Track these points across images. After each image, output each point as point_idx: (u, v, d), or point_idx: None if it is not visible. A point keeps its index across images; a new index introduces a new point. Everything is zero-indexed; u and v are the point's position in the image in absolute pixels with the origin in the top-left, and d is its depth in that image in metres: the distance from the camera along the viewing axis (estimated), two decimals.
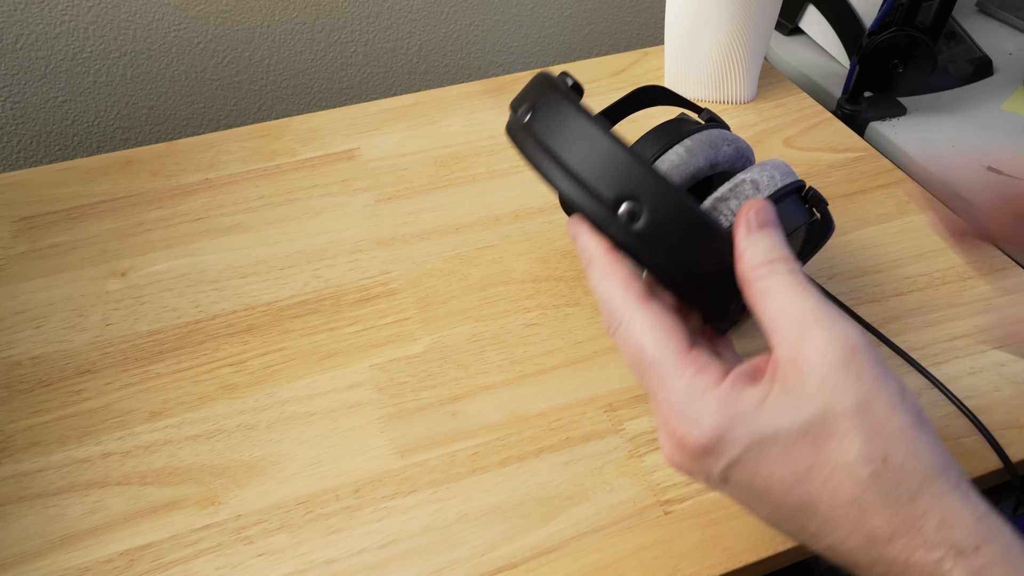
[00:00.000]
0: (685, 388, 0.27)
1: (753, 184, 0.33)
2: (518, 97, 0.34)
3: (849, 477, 0.24)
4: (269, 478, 0.38)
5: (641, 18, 0.88)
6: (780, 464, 0.25)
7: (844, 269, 0.48)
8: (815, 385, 0.25)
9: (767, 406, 0.25)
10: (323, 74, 0.78)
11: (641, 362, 0.28)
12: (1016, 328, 0.38)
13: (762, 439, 0.25)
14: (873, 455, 0.24)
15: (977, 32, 0.73)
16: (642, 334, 0.28)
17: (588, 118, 0.29)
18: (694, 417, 0.26)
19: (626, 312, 0.28)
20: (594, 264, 0.30)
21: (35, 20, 0.65)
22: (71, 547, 0.36)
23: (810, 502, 0.25)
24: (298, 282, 0.48)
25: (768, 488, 0.26)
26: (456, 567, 0.34)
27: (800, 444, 0.25)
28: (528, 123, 0.31)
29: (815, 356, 0.25)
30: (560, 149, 0.30)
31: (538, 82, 0.33)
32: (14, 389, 0.43)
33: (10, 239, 0.52)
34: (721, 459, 0.26)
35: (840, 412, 0.24)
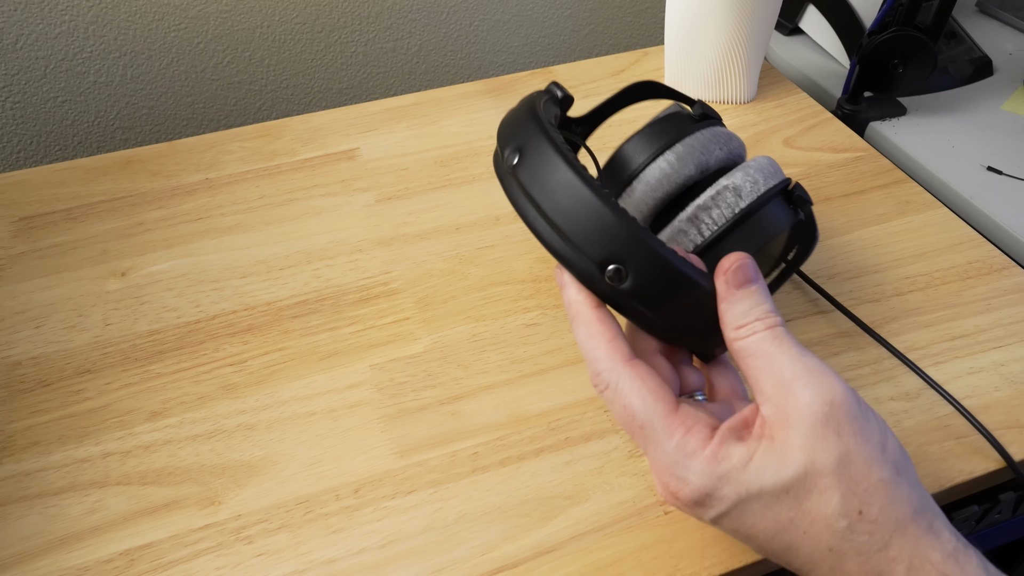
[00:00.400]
0: (675, 450, 0.28)
1: (735, 191, 0.32)
2: (505, 129, 0.33)
3: (827, 529, 0.26)
4: (269, 478, 0.38)
5: (641, 18, 0.88)
6: (763, 517, 0.27)
7: (844, 269, 0.48)
8: (797, 444, 0.26)
9: (752, 465, 0.27)
10: (323, 74, 0.78)
11: (632, 424, 0.29)
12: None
13: (748, 496, 0.27)
14: (849, 510, 0.26)
15: (977, 32, 0.73)
16: (630, 397, 0.29)
17: (575, 173, 0.29)
18: (684, 476, 0.28)
19: (613, 375, 0.29)
20: (579, 321, 0.30)
21: (35, 20, 0.65)
22: (71, 547, 0.36)
23: (791, 547, 0.27)
24: (298, 282, 0.48)
25: (753, 535, 0.28)
26: (456, 567, 0.34)
27: (782, 500, 0.27)
28: (515, 168, 0.30)
29: (796, 415, 0.27)
30: (547, 205, 0.29)
31: (525, 118, 0.32)
32: (14, 389, 0.43)
33: (10, 239, 0.52)
34: (709, 512, 0.28)
35: (820, 470, 0.26)
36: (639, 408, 0.29)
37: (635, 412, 0.29)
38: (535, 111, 0.32)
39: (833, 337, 0.43)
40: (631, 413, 0.29)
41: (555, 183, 0.29)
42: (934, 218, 0.51)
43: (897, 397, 0.40)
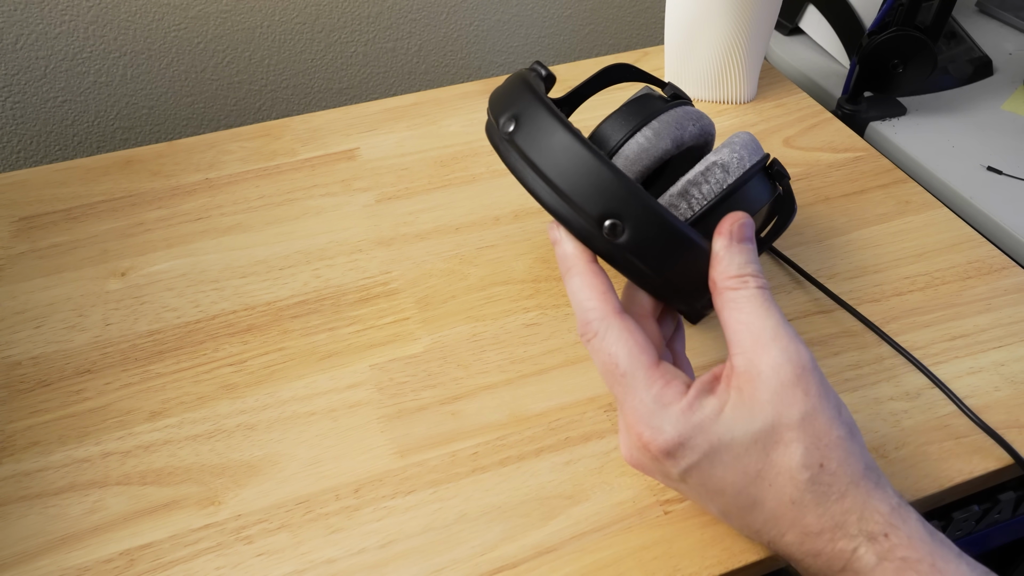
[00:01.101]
0: (653, 400, 0.30)
1: (723, 167, 0.34)
2: (498, 101, 0.35)
3: (791, 481, 0.28)
4: (269, 478, 0.38)
5: (641, 18, 0.88)
6: (733, 468, 0.29)
7: (844, 269, 0.48)
8: (767, 397, 0.28)
9: (724, 416, 0.29)
10: (323, 74, 0.78)
11: (614, 372, 0.30)
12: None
13: (719, 446, 0.29)
14: (812, 462, 0.28)
15: (977, 32, 0.73)
16: (617, 345, 0.30)
17: (573, 136, 0.31)
18: (659, 426, 0.29)
19: (602, 325, 0.31)
20: (573, 273, 0.32)
21: (35, 20, 0.65)
22: (71, 547, 0.36)
23: (756, 502, 0.29)
24: (298, 282, 0.48)
25: (721, 489, 0.29)
26: (456, 567, 0.34)
27: (751, 451, 0.28)
28: (512, 135, 0.32)
29: (769, 371, 0.28)
30: (545, 166, 0.31)
31: (519, 89, 0.34)
32: (14, 389, 0.43)
33: (10, 239, 0.52)
34: (681, 463, 0.29)
35: (787, 424, 0.28)
36: (623, 357, 0.30)
37: (619, 361, 0.30)
38: (528, 82, 0.34)
39: (834, 337, 0.43)
40: (615, 361, 0.30)
41: (553, 146, 0.31)
42: (934, 218, 0.51)
43: (897, 397, 0.40)
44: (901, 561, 0.27)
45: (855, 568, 0.27)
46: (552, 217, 0.32)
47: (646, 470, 0.32)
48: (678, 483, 0.31)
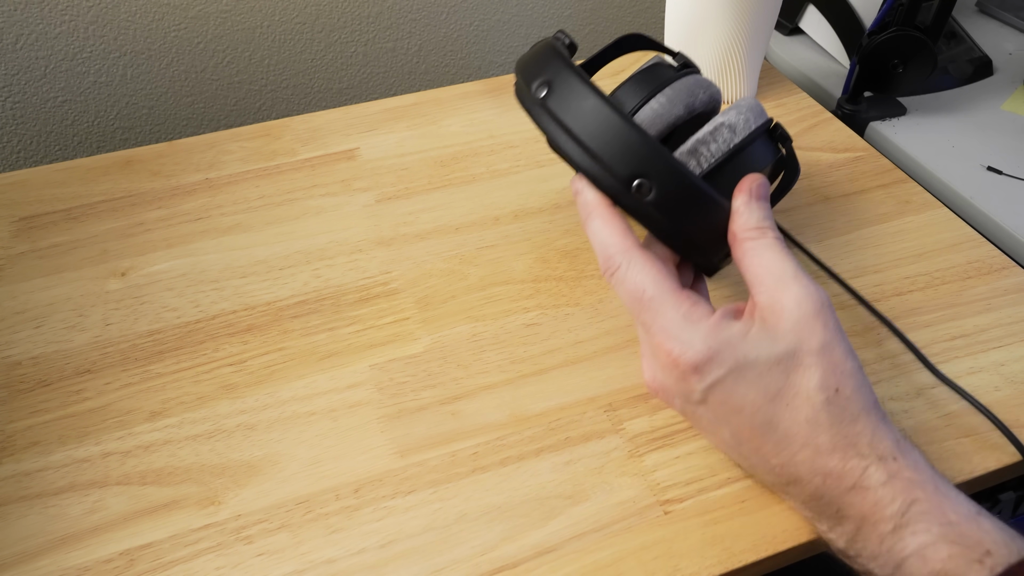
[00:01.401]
0: (682, 318, 0.31)
1: (730, 128, 0.36)
2: (528, 67, 0.37)
3: (807, 401, 0.30)
4: (269, 478, 0.38)
5: (641, 18, 0.88)
6: (754, 386, 0.30)
7: (844, 269, 0.48)
8: (789, 326, 0.30)
9: (750, 337, 0.31)
10: (323, 74, 0.78)
11: (641, 299, 0.32)
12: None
13: (744, 363, 0.30)
14: (828, 385, 0.30)
15: (977, 32, 0.73)
16: (642, 274, 0.32)
17: (605, 101, 0.33)
18: (689, 340, 0.31)
19: (625, 257, 0.33)
20: (594, 215, 0.34)
21: (35, 20, 0.65)
22: (71, 547, 0.36)
23: (771, 422, 0.31)
24: (298, 282, 0.48)
25: (740, 407, 0.31)
26: (456, 567, 0.34)
27: (773, 371, 0.30)
28: (544, 99, 0.35)
29: (792, 304, 0.31)
30: (578, 128, 0.34)
31: (549, 55, 0.36)
32: (14, 389, 0.43)
33: (10, 239, 0.52)
34: (706, 378, 0.31)
35: (807, 350, 0.30)
36: (649, 283, 0.32)
37: (645, 286, 0.32)
38: (558, 51, 0.36)
39: None
40: (641, 287, 0.32)
41: (585, 110, 0.33)
42: (934, 218, 0.51)
43: (899, 396, 0.40)
44: (907, 481, 0.29)
45: (864, 485, 0.29)
46: (578, 173, 0.35)
47: (668, 394, 0.34)
48: (696, 405, 0.32)
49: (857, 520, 0.30)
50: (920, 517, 0.28)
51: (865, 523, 0.29)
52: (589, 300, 0.46)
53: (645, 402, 0.41)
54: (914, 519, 0.28)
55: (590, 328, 0.45)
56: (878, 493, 0.29)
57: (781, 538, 0.35)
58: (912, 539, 0.28)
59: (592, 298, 0.46)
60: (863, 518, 0.30)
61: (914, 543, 0.28)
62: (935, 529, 0.28)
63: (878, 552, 0.29)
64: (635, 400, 0.41)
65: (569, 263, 0.49)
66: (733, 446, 0.33)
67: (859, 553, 0.30)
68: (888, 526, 0.29)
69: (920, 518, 0.28)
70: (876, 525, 0.29)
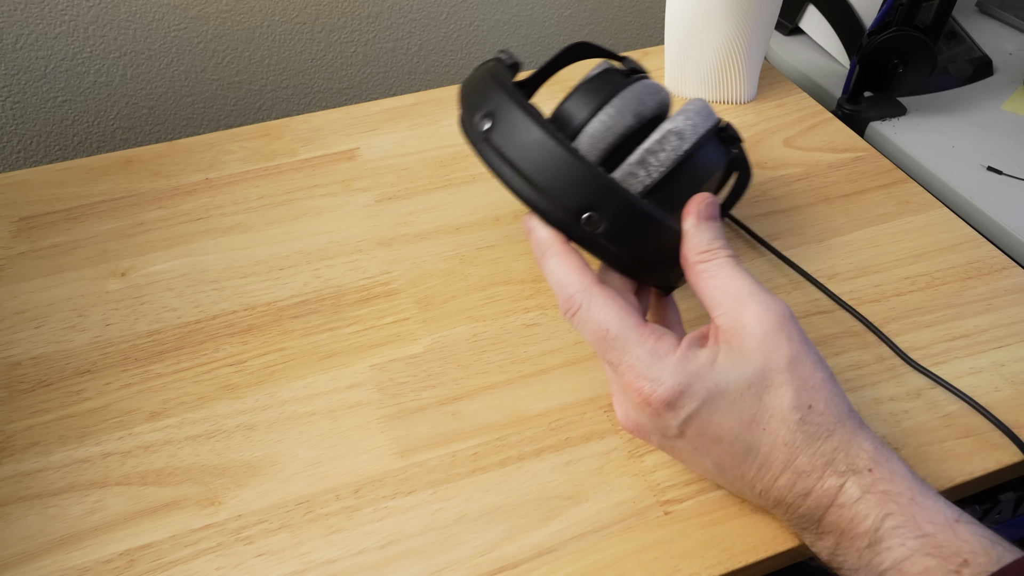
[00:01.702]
0: (648, 355, 0.31)
1: (678, 135, 0.35)
2: (470, 97, 0.36)
3: (783, 423, 0.30)
4: (269, 478, 0.38)
5: (641, 18, 0.88)
6: (729, 414, 0.30)
7: (844, 269, 0.48)
8: (754, 345, 0.30)
9: (717, 364, 0.30)
10: (323, 74, 0.78)
11: (605, 339, 0.31)
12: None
13: (716, 392, 0.30)
14: (801, 404, 0.30)
15: (977, 32, 0.73)
16: (604, 311, 0.32)
17: (549, 134, 0.32)
18: (658, 377, 0.30)
19: (585, 295, 0.32)
20: (549, 255, 0.34)
21: (35, 20, 0.65)
22: (71, 547, 0.36)
23: (751, 448, 0.30)
24: (298, 282, 0.48)
25: (719, 437, 0.31)
26: (456, 567, 0.34)
27: (745, 396, 0.30)
28: (488, 133, 0.34)
29: (753, 322, 0.30)
30: (524, 164, 0.33)
31: (490, 85, 0.35)
32: (14, 389, 0.43)
33: (10, 239, 0.52)
34: (680, 412, 0.30)
35: (775, 368, 0.30)
36: (612, 321, 0.31)
37: (608, 325, 0.31)
38: (499, 79, 0.35)
39: (835, 337, 0.43)
40: (605, 327, 0.31)
41: (530, 144, 0.33)
42: (934, 218, 0.51)
43: (898, 397, 0.40)
44: (882, 494, 0.29)
45: (840, 503, 0.29)
46: (528, 210, 0.34)
47: (644, 431, 0.33)
48: (675, 439, 0.32)
49: (836, 535, 0.30)
50: (894, 532, 0.28)
51: (844, 538, 0.30)
52: None
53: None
54: (888, 534, 0.28)
55: None
56: (853, 510, 0.29)
57: (781, 539, 0.35)
58: (888, 554, 0.28)
59: None
60: (842, 533, 0.30)
61: (890, 557, 0.28)
62: (910, 543, 0.28)
63: (858, 565, 0.29)
64: None
65: None
66: (717, 474, 0.33)
67: (841, 566, 0.30)
68: (864, 541, 0.29)
69: (894, 533, 0.28)
70: (853, 540, 0.29)
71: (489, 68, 0.37)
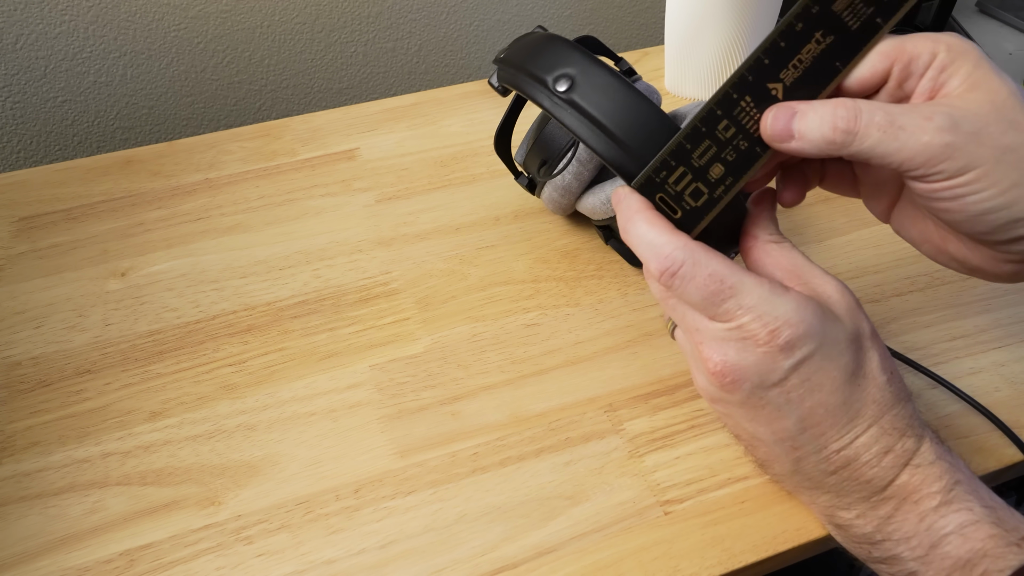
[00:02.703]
0: (769, 293, 0.30)
1: None
2: (536, 61, 0.36)
3: (874, 381, 0.31)
4: (269, 478, 0.38)
5: (641, 18, 0.88)
6: (837, 363, 0.30)
7: (844, 269, 0.48)
8: (843, 311, 0.31)
9: (827, 316, 0.31)
10: (323, 74, 0.78)
11: (720, 287, 0.30)
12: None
13: (830, 339, 0.30)
14: (886, 367, 0.31)
15: (977, 32, 0.73)
16: (712, 264, 0.31)
17: (635, 94, 0.33)
18: (783, 315, 0.30)
19: (686, 252, 0.31)
20: (637, 220, 0.32)
21: (35, 20, 0.65)
22: (71, 547, 0.36)
23: (847, 400, 0.31)
24: (298, 282, 0.48)
25: (821, 385, 0.30)
26: (456, 567, 0.34)
27: (849, 349, 0.31)
28: (568, 93, 0.34)
29: (836, 294, 0.32)
30: (610, 123, 0.33)
31: (560, 48, 0.35)
32: (14, 389, 0.43)
33: (10, 239, 0.52)
34: (796, 354, 0.30)
35: (864, 333, 0.31)
36: (726, 270, 0.30)
37: (723, 274, 0.30)
38: (566, 41, 0.35)
39: None
40: (719, 277, 0.30)
41: (618, 102, 0.33)
42: None
43: None
44: (949, 463, 0.30)
45: (916, 462, 0.30)
46: (616, 174, 0.34)
47: (740, 374, 0.31)
48: (769, 388, 0.31)
49: (898, 500, 0.30)
50: (964, 496, 0.29)
51: (907, 502, 0.30)
52: (589, 300, 0.46)
53: (645, 402, 0.41)
54: (959, 497, 0.29)
55: (590, 328, 0.45)
56: (927, 471, 0.30)
57: (781, 539, 0.35)
58: (955, 516, 0.29)
59: (592, 298, 0.46)
60: (906, 497, 0.30)
61: (956, 520, 0.29)
62: (978, 510, 0.29)
63: (915, 531, 0.30)
64: (635, 400, 0.41)
65: (569, 263, 0.49)
66: (791, 435, 0.32)
67: (889, 536, 0.30)
68: (933, 502, 0.29)
69: (964, 497, 0.29)
70: (920, 502, 0.30)
71: (544, 35, 0.37)
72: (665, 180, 0.32)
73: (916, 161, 0.28)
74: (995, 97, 0.28)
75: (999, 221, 0.28)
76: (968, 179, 0.28)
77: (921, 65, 0.29)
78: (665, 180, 0.32)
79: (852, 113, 0.28)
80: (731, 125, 0.31)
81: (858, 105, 0.29)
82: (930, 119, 0.27)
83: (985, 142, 0.27)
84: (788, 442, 0.32)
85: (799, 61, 0.30)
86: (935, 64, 0.29)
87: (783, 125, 0.29)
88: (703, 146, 0.31)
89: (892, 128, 0.28)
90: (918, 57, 0.29)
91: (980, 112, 0.28)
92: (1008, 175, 0.27)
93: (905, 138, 0.28)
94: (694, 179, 0.32)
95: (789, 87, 0.30)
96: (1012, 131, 0.27)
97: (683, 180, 0.32)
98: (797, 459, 0.33)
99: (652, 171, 0.32)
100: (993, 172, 0.27)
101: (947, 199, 0.28)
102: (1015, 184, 0.27)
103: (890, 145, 0.28)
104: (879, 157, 0.28)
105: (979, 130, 0.27)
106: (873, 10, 0.30)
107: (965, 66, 0.29)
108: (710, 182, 0.32)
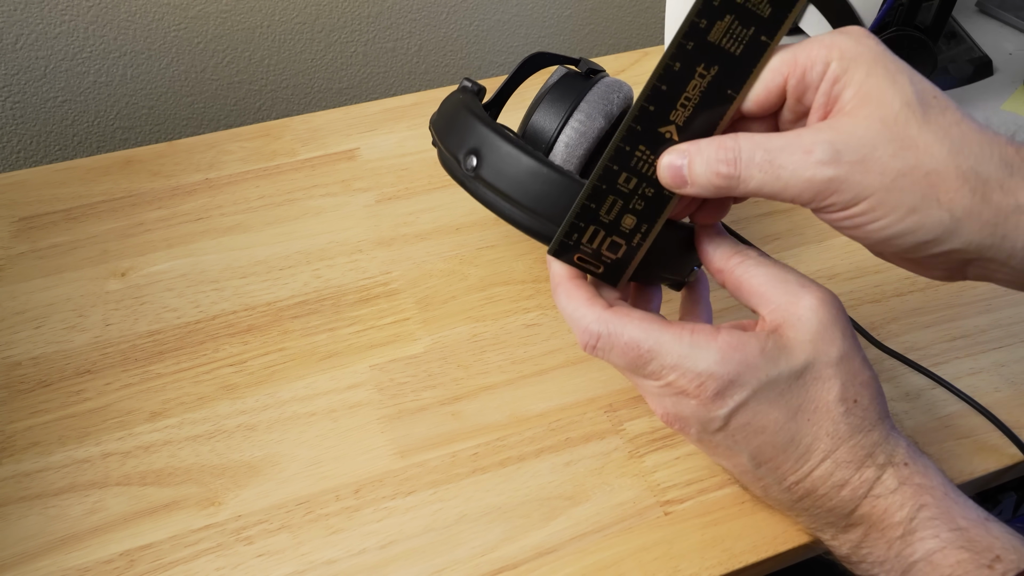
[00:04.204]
0: (689, 348, 0.30)
1: None
2: (449, 136, 0.35)
3: (827, 415, 0.30)
4: (269, 478, 0.38)
5: (641, 18, 0.88)
6: (776, 404, 0.30)
7: (844, 269, 0.48)
8: (808, 338, 0.30)
9: (767, 354, 0.30)
10: (323, 74, 0.78)
11: (639, 353, 0.30)
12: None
13: (766, 382, 0.29)
14: (847, 397, 0.30)
15: (977, 32, 0.73)
16: (627, 331, 0.30)
17: (540, 161, 0.32)
18: (705, 370, 0.29)
19: (602, 324, 0.31)
20: (559, 291, 0.32)
21: (35, 20, 0.65)
22: (71, 547, 0.36)
23: (793, 438, 0.30)
24: (298, 282, 0.48)
25: (763, 427, 0.30)
26: (456, 567, 0.34)
27: (793, 387, 0.30)
28: (477, 170, 0.33)
29: (808, 314, 0.30)
30: (520, 195, 0.32)
31: (467, 121, 0.35)
32: (14, 389, 0.43)
33: (10, 239, 0.52)
34: (729, 402, 0.30)
35: (826, 362, 0.30)
36: (641, 335, 0.30)
37: (639, 340, 0.30)
38: (474, 111, 0.35)
39: None
40: (635, 343, 0.30)
41: (523, 175, 0.32)
42: None
43: (898, 398, 0.40)
44: (917, 486, 0.29)
45: (876, 493, 0.30)
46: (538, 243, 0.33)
47: (684, 423, 0.32)
48: (714, 433, 0.31)
49: (865, 527, 0.30)
50: (928, 523, 0.29)
51: (873, 529, 0.30)
52: None
53: (645, 403, 0.41)
54: (923, 524, 0.29)
55: None
56: (888, 500, 0.29)
57: (781, 539, 0.35)
58: (920, 544, 0.28)
59: None
60: (872, 525, 0.30)
61: (923, 548, 0.28)
62: (944, 534, 0.28)
63: (885, 557, 0.29)
64: (635, 401, 0.41)
65: None
66: (749, 469, 0.32)
67: (863, 559, 0.30)
68: (897, 532, 0.29)
69: (928, 524, 0.29)
70: (885, 531, 0.29)
71: (459, 101, 0.37)
72: (579, 241, 0.31)
73: (804, 197, 0.27)
74: (885, 112, 0.26)
75: (906, 244, 0.27)
76: (862, 209, 0.27)
77: (816, 76, 0.27)
78: (579, 241, 0.31)
79: (732, 155, 0.28)
80: (631, 176, 0.30)
81: (738, 145, 0.28)
82: (810, 152, 0.26)
83: (872, 169, 0.26)
84: (749, 474, 0.33)
85: (687, 100, 0.29)
86: (828, 75, 0.27)
87: (674, 173, 0.29)
88: (608, 202, 0.30)
89: (772, 168, 0.27)
90: (812, 67, 0.27)
91: (867, 135, 0.26)
92: (903, 200, 0.26)
93: (787, 177, 0.27)
94: (607, 234, 0.31)
95: (682, 127, 0.29)
96: (903, 152, 0.26)
97: (596, 237, 0.31)
98: (764, 487, 0.33)
99: (563, 235, 0.31)
100: (887, 200, 0.26)
101: (849, 228, 0.28)
102: (913, 209, 0.26)
103: (774, 185, 0.27)
104: (769, 195, 0.28)
105: (865, 157, 0.26)
106: (754, 30, 0.28)
107: (857, 74, 0.27)
108: (625, 234, 0.31)
